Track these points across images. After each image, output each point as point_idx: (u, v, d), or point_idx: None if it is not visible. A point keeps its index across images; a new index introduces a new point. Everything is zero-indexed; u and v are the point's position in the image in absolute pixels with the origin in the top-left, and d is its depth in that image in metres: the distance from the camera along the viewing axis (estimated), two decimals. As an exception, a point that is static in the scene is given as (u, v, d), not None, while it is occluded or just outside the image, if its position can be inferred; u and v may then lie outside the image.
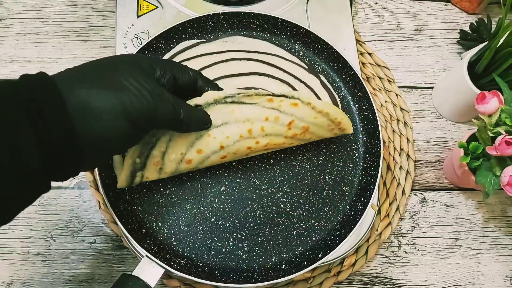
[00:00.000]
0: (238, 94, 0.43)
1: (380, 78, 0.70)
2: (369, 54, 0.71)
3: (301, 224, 0.48)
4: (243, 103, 0.44)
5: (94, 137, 0.32)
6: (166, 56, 0.53)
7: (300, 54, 0.56)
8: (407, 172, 0.64)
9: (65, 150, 0.31)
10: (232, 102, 0.43)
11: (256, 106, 0.44)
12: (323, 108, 0.46)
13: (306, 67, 0.54)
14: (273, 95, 0.45)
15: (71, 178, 0.59)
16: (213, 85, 0.44)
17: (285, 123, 0.45)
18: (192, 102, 0.42)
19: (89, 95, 0.32)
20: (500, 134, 0.52)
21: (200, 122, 0.42)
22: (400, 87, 0.70)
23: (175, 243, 0.46)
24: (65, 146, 0.31)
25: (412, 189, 0.64)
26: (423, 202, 0.64)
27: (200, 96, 0.42)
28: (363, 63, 0.70)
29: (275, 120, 0.45)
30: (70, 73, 0.33)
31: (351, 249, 0.56)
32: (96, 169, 0.46)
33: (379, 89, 0.69)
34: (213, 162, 0.46)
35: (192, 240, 0.46)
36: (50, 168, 0.31)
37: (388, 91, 0.69)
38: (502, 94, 0.54)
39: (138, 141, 0.37)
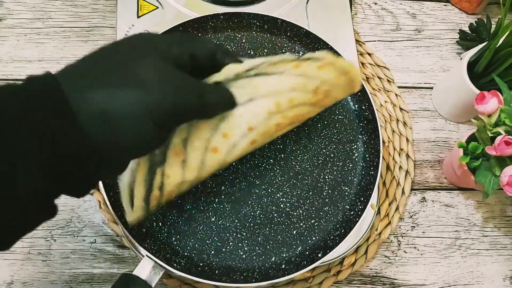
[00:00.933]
0: (261, 64, 0.38)
1: (379, 78, 0.70)
2: (369, 54, 0.71)
3: (301, 224, 0.48)
4: (268, 73, 0.38)
5: (113, 148, 0.28)
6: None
7: (300, 55, 0.56)
8: (407, 172, 0.64)
9: (78, 168, 0.28)
10: (256, 75, 0.38)
11: (282, 75, 0.38)
12: (345, 67, 0.41)
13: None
14: (299, 59, 0.40)
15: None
16: (232, 55, 0.38)
17: (310, 89, 0.40)
18: (211, 79, 0.37)
19: (103, 98, 0.27)
20: (500, 134, 0.52)
21: (225, 103, 0.36)
22: (399, 87, 0.70)
23: (175, 242, 0.46)
24: (77, 165, 0.28)
25: (412, 189, 0.64)
26: (422, 202, 0.64)
27: (219, 71, 0.37)
28: (362, 63, 0.70)
29: (302, 88, 0.39)
30: (76, 71, 0.29)
31: (350, 248, 0.56)
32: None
33: (379, 89, 0.69)
34: (242, 150, 0.39)
35: (192, 240, 0.46)
36: (60, 187, 0.29)
37: (388, 91, 0.69)
38: (502, 94, 0.54)
39: (163, 142, 0.33)
